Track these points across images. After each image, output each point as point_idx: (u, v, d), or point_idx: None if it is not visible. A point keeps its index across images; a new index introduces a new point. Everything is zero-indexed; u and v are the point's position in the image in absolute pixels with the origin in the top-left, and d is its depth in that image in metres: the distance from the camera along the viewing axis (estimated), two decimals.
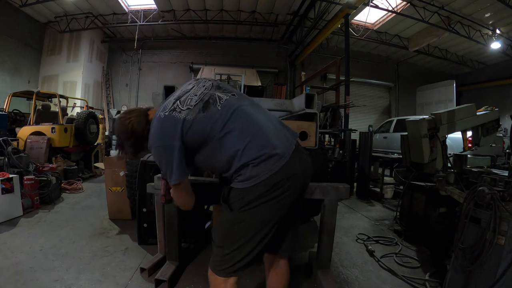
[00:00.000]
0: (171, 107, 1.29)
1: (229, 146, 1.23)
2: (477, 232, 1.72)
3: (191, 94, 1.33)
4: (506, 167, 3.80)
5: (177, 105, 1.29)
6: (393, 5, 9.11)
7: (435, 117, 2.99)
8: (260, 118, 1.32)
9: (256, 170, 1.21)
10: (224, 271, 1.29)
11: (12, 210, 3.39)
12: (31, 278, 2.12)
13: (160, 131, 1.26)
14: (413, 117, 6.57)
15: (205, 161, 1.35)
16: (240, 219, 1.27)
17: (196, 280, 2.21)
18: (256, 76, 8.03)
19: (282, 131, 1.35)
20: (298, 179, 1.31)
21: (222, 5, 10.21)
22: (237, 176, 1.26)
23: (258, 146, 1.23)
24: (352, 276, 2.40)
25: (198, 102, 1.29)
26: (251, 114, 1.31)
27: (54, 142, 5.79)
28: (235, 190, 1.28)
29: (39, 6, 9.61)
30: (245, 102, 1.37)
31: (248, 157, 1.21)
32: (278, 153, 1.24)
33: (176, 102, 1.30)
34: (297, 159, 1.30)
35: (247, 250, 1.27)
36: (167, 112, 1.27)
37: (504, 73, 12.16)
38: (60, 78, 11.01)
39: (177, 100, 1.31)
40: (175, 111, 1.27)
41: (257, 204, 1.23)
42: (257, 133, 1.26)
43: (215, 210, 2.42)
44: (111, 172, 3.48)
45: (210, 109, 1.27)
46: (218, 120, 1.25)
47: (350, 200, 4.99)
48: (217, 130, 1.24)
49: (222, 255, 1.30)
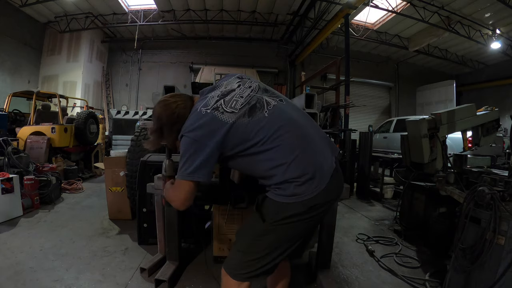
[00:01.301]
0: (213, 104, 1.23)
1: (275, 158, 1.18)
2: (477, 232, 1.72)
3: (237, 95, 1.26)
4: (506, 167, 3.80)
5: (220, 104, 1.22)
6: (393, 5, 9.11)
7: (435, 117, 2.99)
8: (309, 131, 1.26)
9: (299, 189, 1.17)
10: (239, 275, 1.28)
11: (12, 210, 3.39)
12: (31, 278, 2.12)
13: (198, 126, 1.19)
14: (413, 117, 6.57)
15: (244, 166, 1.30)
16: (269, 232, 1.24)
17: (196, 280, 2.21)
18: (256, 76, 8.04)
19: (327, 148, 1.29)
20: (332, 204, 1.31)
21: (222, 5, 10.21)
22: (276, 188, 1.21)
23: (304, 163, 1.18)
24: (352, 276, 2.40)
25: (244, 105, 1.22)
26: (300, 126, 1.25)
27: (54, 142, 5.79)
28: (272, 202, 1.23)
29: (39, 6, 9.61)
30: (293, 110, 1.31)
31: (293, 174, 1.16)
32: (322, 174, 1.20)
33: (220, 101, 1.24)
34: (335, 181, 1.26)
35: (266, 261, 1.26)
36: (209, 110, 1.21)
37: (504, 73, 12.16)
38: (60, 78, 11.01)
39: (222, 98, 1.25)
40: (218, 111, 1.20)
41: (290, 221, 1.21)
42: (305, 148, 1.20)
43: (216, 210, 2.42)
44: (111, 172, 3.48)
45: (257, 114, 1.20)
46: (263, 128, 1.18)
47: (350, 200, 5.00)
48: (261, 139, 1.18)
49: (241, 260, 1.28)
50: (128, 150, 3.32)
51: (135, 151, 3.16)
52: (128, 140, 3.57)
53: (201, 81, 6.77)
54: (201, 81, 6.65)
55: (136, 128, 3.60)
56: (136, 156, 3.08)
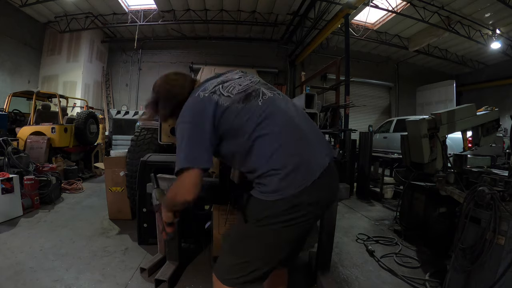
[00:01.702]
0: (212, 89, 1.22)
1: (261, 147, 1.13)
2: (477, 232, 1.72)
3: (236, 83, 1.26)
4: (506, 167, 3.80)
5: (218, 88, 1.23)
6: (393, 5, 9.10)
7: (435, 117, 2.99)
8: (301, 125, 1.22)
9: (281, 184, 1.09)
10: (229, 281, 1.20)
11: (12, 210, 3.39)
12: (31, 278, 2.12)
13: (193, 109, 1.18)
14: (413, 117, 6.57)
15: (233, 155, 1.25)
16: (253, 233, 1.18)
17: (196, 280, 2.21)
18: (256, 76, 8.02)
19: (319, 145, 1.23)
20: (320, 208, 1.20)
21: (222, 5, 10.21)
22: (259, 184, 1.16)
23: (289, 153, 1.12)
24: (352, 276, 2.40)
25: (241, 92, 1.22)
26: (291, 117, 1.21)
27: (54, 142, 5.79)
28: (255, 200, 1.17)
29: (39, 6, 9.60)
30: (287, 103, 1.28)
31: (276, 164, 1.10)
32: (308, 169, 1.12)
33: (218, 86, 1.24)
34: (327, 181, 1.17)
35: (253, 267, 1.17)
36: (207, 94, 1.21)
37: (504, 73, 12.16)
38: (60, 78, 11.00)
39: (220, 84, 1.25)
40: (215, 94, 1.20)
41: (273, 222, 1.12)
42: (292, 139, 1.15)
43: (216, 210, 2.42)
44: (111, 172, 3.48)
45: (251, 102, 1.19)
46: (254, 115, 1.16)
47: (350, 200, 5.00)
48: (251, 126, 1.14)
49: (229, 264, 1.21)
50: (128, 150, 3.32)
51: (135, 151, 3.16)
52: (128, 140, 3.57)
53: (201, 81, 6.77)
54: (201, 81, 6.64)
55: (136, 128, 3.61)
56: (136, 156, 3.08)
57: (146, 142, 3.20)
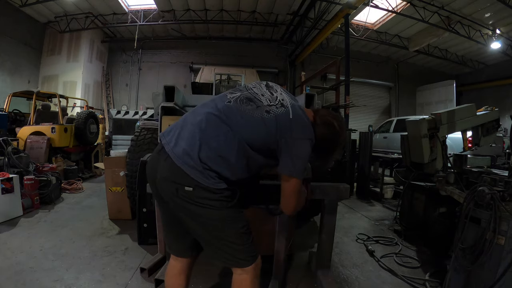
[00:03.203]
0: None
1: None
2: (477, 232, 1.71)
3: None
4: (506, 167, 3.80)
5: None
6: (393, 5, 9.11)
7: (435, 117, 2.99)
8: (194, 124, 1.30)
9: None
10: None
11: (12, 210, 3.39)
12: (31, 278, 2.12)
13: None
14: (413, 117, 6.57)
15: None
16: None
17: (196, 280, 2.20)
18: (256, 76, 8.02)
19: (188, 140, 1.26)
20: (156, 186, 1.33)
21: (222, 5, 10.21)
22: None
23: (172, 132, 1.36)
24: (352, 276, 2.40)
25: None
26: (198, 115, 1.37)
27: (54, 142, 5.79)
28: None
29: (39, 6, 9.61)
30: (232, 111, 1.38)
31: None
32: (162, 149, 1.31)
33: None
34: (161, 162, 1.30)
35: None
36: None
37: (504, 73, 12.16)
38: (60, 78, 11.01)
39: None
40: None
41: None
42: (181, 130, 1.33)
43: None
44: (111, 172, 3.48)
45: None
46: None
47: (350, 200, 5.00)
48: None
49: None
50: (128, 150, 3.31)
51: (135, 151, 3.16)
52: (128, 140, 3.57)
53: (201, 81, 6.76)
54: (201, 81, 6.63)
55: (136, 128, 3.60)
56: (136, 156, 3.07)
57: (146, 142, 3.19)
